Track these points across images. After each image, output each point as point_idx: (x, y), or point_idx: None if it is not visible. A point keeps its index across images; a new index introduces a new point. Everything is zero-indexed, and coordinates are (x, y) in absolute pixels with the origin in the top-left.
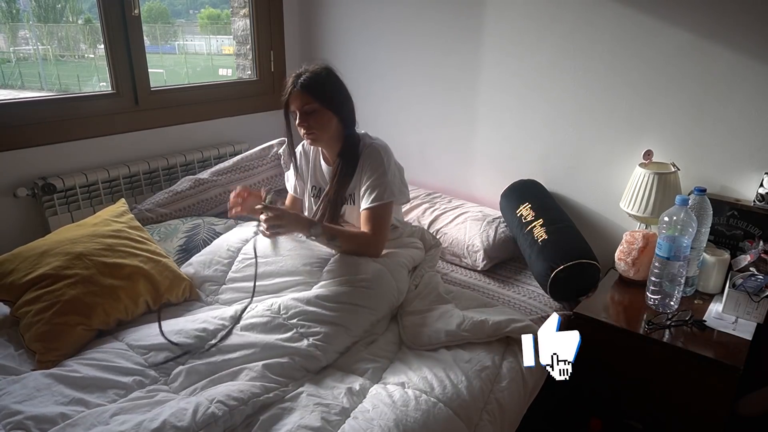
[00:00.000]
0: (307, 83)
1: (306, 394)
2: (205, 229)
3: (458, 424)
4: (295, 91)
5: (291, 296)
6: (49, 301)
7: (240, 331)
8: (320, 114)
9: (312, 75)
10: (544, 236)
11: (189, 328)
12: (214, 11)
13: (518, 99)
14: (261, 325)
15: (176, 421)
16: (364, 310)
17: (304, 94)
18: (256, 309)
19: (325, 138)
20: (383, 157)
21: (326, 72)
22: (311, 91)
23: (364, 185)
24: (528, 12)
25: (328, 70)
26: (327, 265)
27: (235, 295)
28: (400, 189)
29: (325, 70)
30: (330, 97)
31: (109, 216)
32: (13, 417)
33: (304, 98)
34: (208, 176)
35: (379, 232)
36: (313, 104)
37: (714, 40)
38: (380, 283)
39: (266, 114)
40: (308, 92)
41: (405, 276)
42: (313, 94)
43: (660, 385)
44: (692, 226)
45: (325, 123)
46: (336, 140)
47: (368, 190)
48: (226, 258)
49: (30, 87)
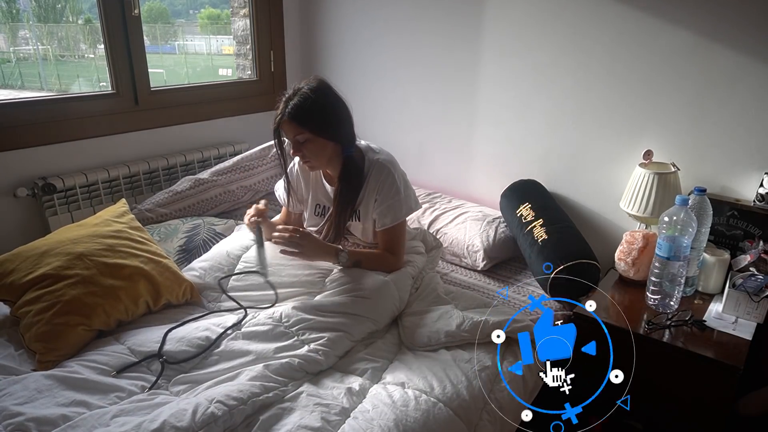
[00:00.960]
0: (296, 112)
1: (306, 394)
2: (205, 229)
3: (458, 424)
4: (284, 121)
5: (292, 305)
6: (50, 301)
7: (242, 339)
8: (313, 142)
9: (300, 101)
10: (544, 236)
11: (192, 336)
12: (214, 11)
13: (518, 99)
14: (262, 333)
15: (176, 422)
16: (366, 320)
17: (293, 124)
18: (258, 317)
19: (322, 163)
20: (393, 174)
21: (316, 95)
22: (301, 121)
23: (379, 207)
24: (528, 11)
25: (319, 91)
26: (330, 275)
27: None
28: (415, 200)
29: (315, 92)
30: (321, 124)
31: (110, 216)
32: (14, 418)
33: (294, 128)
34: (208, 176)
35: (400, 250)
36: (304, 134)
37: (714, 40)
38: (382, 294)
39: (266, 114)
40: (297, 122)
41: (408, 285)
42: (302, 123)
43: (660, 385)
44: (692, 226)
45: (319, 150)
46: (335, 162)
47: (384, 212)
48: (227, 265)
49: (30, 87)
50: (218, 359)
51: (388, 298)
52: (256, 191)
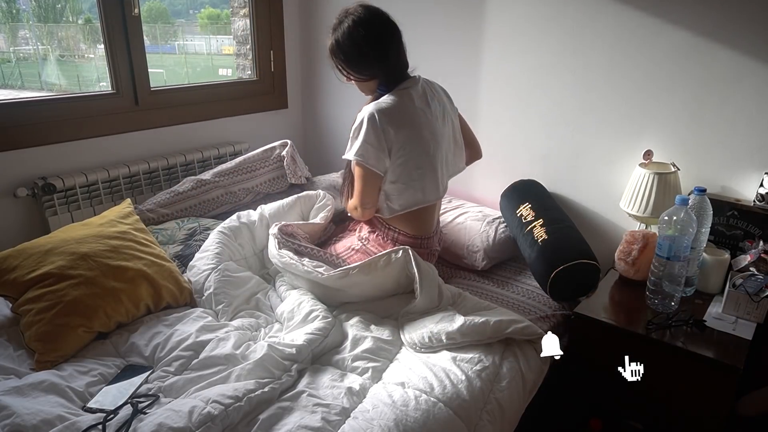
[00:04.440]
0: (332, 48)
1: (306, 395)
2: (202, 236)
3: (458, 424)
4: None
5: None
6: (52, 300)
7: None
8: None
9: (338, 38)
10: (544, 236)
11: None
12: (214, 11)
13: (518, 98)
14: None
15: (172, 423)
16: (339, 291)
17: (330, 58)
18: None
19: (366, 92)
20: (364, 120)
21: (356, 33)
22: (335, 57)
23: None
24: (528, 11)
25: (359, 28)
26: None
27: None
28: (366, 155)
29: (356, 27)
30: (352, 66)
31: (115, 217)
32: (10, 419)
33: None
34: (210, 177)
35: (357, 194)
36: (336, 68)
37: (714, 40)
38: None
39: (266, 114)
40: (333, 57)
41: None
42: (336, 59)
43: (660, 385)
44: (692, 226)
45: (360, 83)
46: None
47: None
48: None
49: (30, 87)
50: (210, 362)
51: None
52: (258, 193)
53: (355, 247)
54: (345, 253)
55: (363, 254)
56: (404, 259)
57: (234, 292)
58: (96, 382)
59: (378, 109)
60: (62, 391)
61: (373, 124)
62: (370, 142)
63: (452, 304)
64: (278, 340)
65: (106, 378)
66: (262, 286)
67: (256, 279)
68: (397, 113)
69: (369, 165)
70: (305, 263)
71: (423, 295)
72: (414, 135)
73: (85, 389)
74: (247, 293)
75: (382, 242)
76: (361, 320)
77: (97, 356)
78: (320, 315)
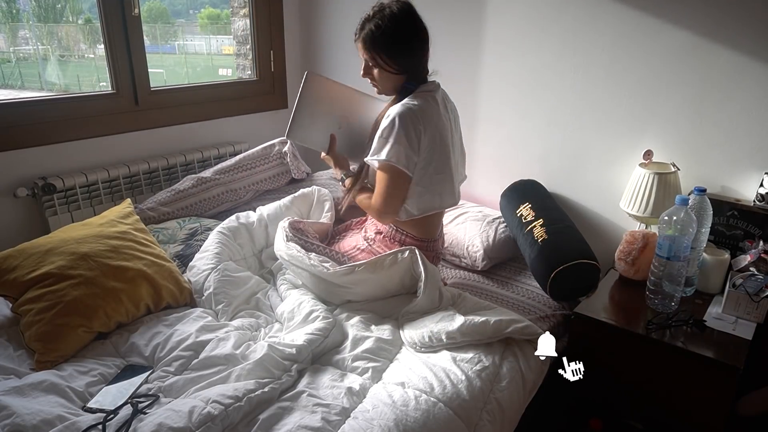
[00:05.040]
0: (366, 38)
1: (306, 395)
2: (203, 236)
3: (458, 424)
4: (358, 42)
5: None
6: (52, 300)
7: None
8: (380, 70)
9: (374, 28)
10: (544, 236)
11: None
12: (214, 11)
13: (518, 98)
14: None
15: (172, 423)
16: (342, 289)
17: (363, 48)
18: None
19: (387, 89)
20: (396, 120)
21: (393, 24)
22: (370, 48)
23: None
24: (528, 11)
25: (396, 20)
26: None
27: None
28: (399, 157)
29: (393, 20)
30: (388, 57)
31: (115, 217)
32: (10, 419)
33: (364, 53)
34: (210, 175)
35: (379, 198)
36: (373, 60)
37: (714, 40)
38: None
39: (266, 114)
40: (367, 48)
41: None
42: (371, 50)
43: (660, 385)
44: (692, 226)
45: (385, 79)
46: (397, 94)
47: (376, 147)
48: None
49: (30, 87)
50: (209, 363)
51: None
52: (258, 190)
53: (360, 247)
54: (350, 252)
55: (368, 254)
56: (410, 260)
57: (234, 292)
58: (96, 382)
59: (409, 108)
60: (62, 391)
61: (405, 123)
62: (402, 143)
63: (452, 304)
64: (278, 340)
65: (106, 378)
66: (262, 285)
67: (256, 279)
68: (427, 115)
69: (401, 166)
70: (312, 257)
71: (425, 295)
72: (438, 139)
73: (85, 389)
74: (246, 293)
75: (389, 243)
76: (361, 320)
77: (97, 356)
78: (320, 315)
